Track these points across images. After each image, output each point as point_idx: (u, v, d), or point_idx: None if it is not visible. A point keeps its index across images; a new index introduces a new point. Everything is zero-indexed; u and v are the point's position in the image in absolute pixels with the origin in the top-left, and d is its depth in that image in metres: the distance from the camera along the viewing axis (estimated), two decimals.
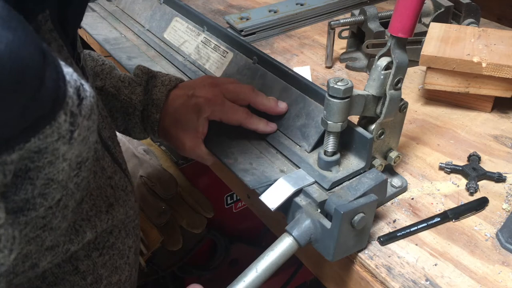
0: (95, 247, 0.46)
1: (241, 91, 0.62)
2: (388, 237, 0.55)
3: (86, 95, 0.32)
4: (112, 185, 0.48)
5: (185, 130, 0.61)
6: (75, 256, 0.44)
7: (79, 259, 0.44)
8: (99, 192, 0.45)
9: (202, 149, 0.61)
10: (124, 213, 0.50)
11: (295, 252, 0.52)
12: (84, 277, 0.45)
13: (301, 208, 0.53)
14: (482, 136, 0.71)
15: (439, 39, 0.76)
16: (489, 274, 0.51)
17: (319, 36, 0.99)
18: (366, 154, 0.56)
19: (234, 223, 1.23)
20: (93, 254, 0.46)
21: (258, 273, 0.49)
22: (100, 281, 0.48)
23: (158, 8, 0.92)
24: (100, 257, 0.47)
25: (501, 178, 0.62)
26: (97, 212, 0.45)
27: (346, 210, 0.48)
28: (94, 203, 0.44)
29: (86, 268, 0.45)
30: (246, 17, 0.99)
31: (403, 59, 0.53)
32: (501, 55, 0.71)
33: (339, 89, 0.51)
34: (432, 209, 0.59)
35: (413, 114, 0.76)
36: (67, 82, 0.30)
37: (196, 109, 0.60)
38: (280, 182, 0.55)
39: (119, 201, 0.49)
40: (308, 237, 0.51)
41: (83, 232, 0.43)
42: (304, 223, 0.51)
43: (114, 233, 0.49)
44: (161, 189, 0.97)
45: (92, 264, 0.46)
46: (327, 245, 0.50)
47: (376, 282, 0.52)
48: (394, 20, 0.51)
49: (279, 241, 0.51)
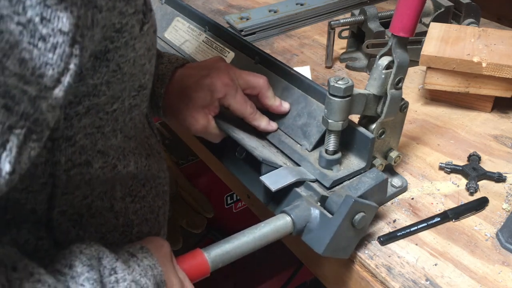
0: (129, 193, 0.50)
1: (255, 80, 0.63)
2: (388, 237, 0.55)
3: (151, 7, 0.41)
4: (149, 143, 0.54)
5: (198, 108, 0.61)
6: (113, 195, 0.48)
7: (115, 199, 0.48)
8: (141, 142, 0.51)
9: (214, 125, 0.62)
10: (157, 170, 0.54)
11: (287, 236, 0.51)
12: (117, 216, 0.49)
13: (301, 197, 0.53)
14: (482, 136, 0.71)
15: (439, 39, 0.76)
16: (489, 274, 0.51)
17: (319, 36, 0.99)
18: (367, 154, 0.56)
19: (234, 223, 1.23)
20: (127, 199, 0.49)
21: (249, 239, 0.49)
22: (132, 226, 0.50)
23: (159, 8, 0.92)
24: (132, 204, 0.50)
25: (501, 178, 0.62)
26: (140, 153, 0.50)
27: (356, 200, 0.48)
28: (137, 146, 0.50)
29: (119, 209, 0.49)
30: (246, 17, 0.99)
31: (404, 59, 0.54)
32: (501, 55, 0.71)
33: (340, 87, 0.51)
34: (432, 209, 0.59)
35: (413, 114, 0.76)
36: None
37: (211, 88, 0.60)
38: (282, 169, 0.55)
39: (155, 157, 0.54)
40: (303, 223, 0.51)
41: (128, 160, 0.48)
42: (303, 208, 0.51)
43: (146, 187, 0.52)
44: None
45: (125, 207, 0.49)
46: (322, 236, 0.49)
47: (376, 282, 0.52)
48: (395, 19, 0.52)
49: (276, 218, 0.51)
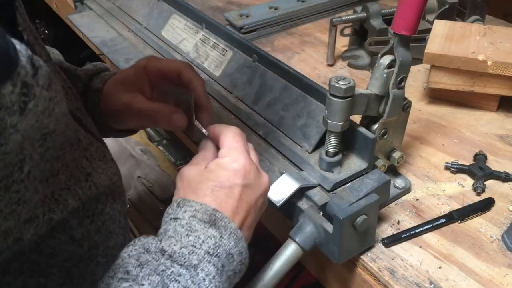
0: (85, 215, 0.46)
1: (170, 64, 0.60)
2: (393, 239, 0.54)
3: (40, 64, 0.31)
4: (87, 156, 0.48)
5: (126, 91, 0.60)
6: (68, 226, 0.44)
7: (72, 228, 0.45)
8: (75, 164, 0.45)
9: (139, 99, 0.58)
10: (108, 179, 0.50)
11: (301, 257, 0.52)
12: (81, 244, 0.46)
13: (303, 212, 0.53)
14: (487, 135, 0.70)
15: (443, 36, 0.75)
16: (494, 277, 0.50)
17: (321, 34, 0.98)
18: (369, 155, 0.56)
19: None
20: (85, 221, 0.46)
21: (265, 282, 0.50)
22: (97, 247, 0.48)
23: (155, 5, 0.91)
24: (92, 224, 0.47)
25: (509, 177, 0.61)
26: (76, 181, 0.45)
27: (346, 215, 0.48)
28: (71, 174, 0.44)
29: (81, 236, 0.46)
30: (246, 14, 0.98)
31: (406, 57, 0.53)
32: (507, 53, 0.70)
33: (341, 88, 0.50)
34: (436, 211, 0.58)
35: (416, 113, 0.75)
36: (18, 51, 0.29)
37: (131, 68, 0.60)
38: (284, 178, 0.55)
39: (98, 170, 0.49)
40: (312, 241, 0.51)
41: (64, 200, 0.43)
42: (307, 228, 0.51)
43: (101, 200, 0.49)
44: (159, 190, 0.97)
45: (86, 231, 0.46)
46: (331, 249, 0.50)
47: (379, 285, 0.52)
48: (397, 17, 0.51)
49: (284, 248, 0.52)
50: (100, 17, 1.02)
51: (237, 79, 0.72)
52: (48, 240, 0.43)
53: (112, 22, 0.99)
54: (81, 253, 0.47)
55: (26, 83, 0.30)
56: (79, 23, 1.01)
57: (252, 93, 0.68)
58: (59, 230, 0.44)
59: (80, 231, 0.46)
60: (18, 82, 0.29)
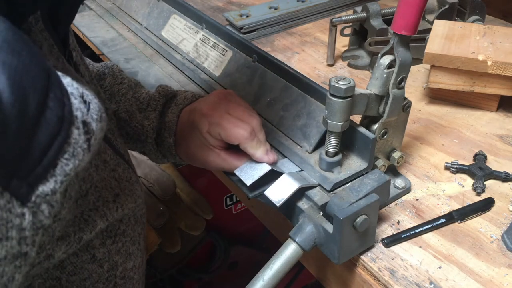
0: (108, 235, 0.48)
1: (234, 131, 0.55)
2: (393, 239, 0.54)
3: (90, 99, 0.32)
4: (116, 177, 0.49)
5: (199, 148, 0.58)
6: (91, 245, 0.45)
7: (95, 248, 0.46)
8: (104, 184, 0.46)
9: (229, 161, 0.57)
10: (133, 202, 0.51)
11: (301, 257, 0.52)
12: (101, 264, 0.47)
13: (303, 212, 0.53)
14: (487, 136, 0.70)
15: (443, 36, 0.75)
16: (494, 277, 0.50)
17: (321, 34, 0.98)
18: (369, 155, 0.55)
19: (233, 225, 1.22)
20: (107, 241, 0.47)
21: (265, 281, 0.50)
22: (116, 267, 0.49)
23: (155, 5, 0.91)
24: (113, 245, 0.48)
25: (509, 177, 0.61)
26: (104, 202, 0.46)
27: (346, 215, 0.48)
28: (100, 195, 0.45)
29: (102, 255, 0.47)
30: (246, 14, 0.98)
31: (406, 57, 0.53)
32: (507, 53, 0.70)
33: (341, 88, 0.50)
34: (436, 211, 0.58)
35: (416, 113, 0.75)
36: (70, 94, 0.30)
37: (194, 125, 0.57)
38: (284, 178, 0.54)
39: (125, 191, 0.49)
40: (312, 241, 0.51)
41: (92, 221, 0.44)
42: (307, 228, 0.51)
43: (124, 221, 0.50)
44: (159, 190, 0.96)
45: (107, 251, 0.47)
46: (331, 249, 0.50)
47: (379, 285, 0.52)
48: (397, 17, 0.51)
49: (284, 247, 0.51)
50: (100, 17, 1.02)
51: (237, 79, 0.72)
52: (71, 257, 0.44)
53: (112, 22, 0.99)
54: (101, 273, 0.48)
55: (85, 122, 0.31)
56: (79, 23, 1.01)
57: (252, 93, 0.68)
58: (82, 248, 0.45)
59: (101, 251, 0.47)
60: (79, 124, 0.31)
